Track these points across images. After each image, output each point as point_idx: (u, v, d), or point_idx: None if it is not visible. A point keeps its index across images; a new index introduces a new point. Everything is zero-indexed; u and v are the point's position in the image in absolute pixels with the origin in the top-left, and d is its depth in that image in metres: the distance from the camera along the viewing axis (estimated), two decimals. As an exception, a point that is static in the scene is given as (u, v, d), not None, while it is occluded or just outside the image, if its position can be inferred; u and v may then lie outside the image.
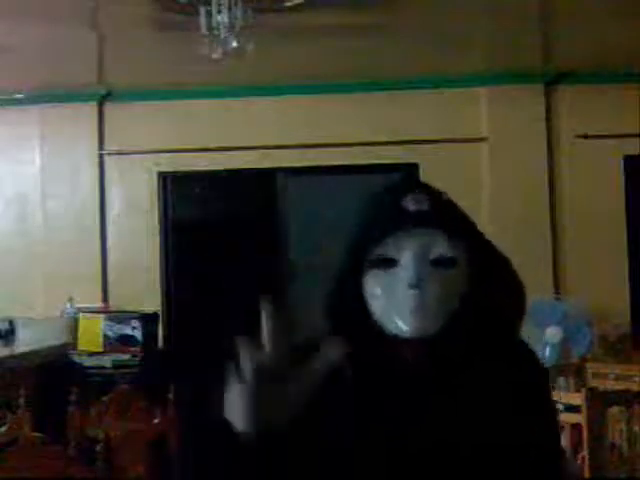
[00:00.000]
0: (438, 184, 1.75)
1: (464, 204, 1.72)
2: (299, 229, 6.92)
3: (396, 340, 1.40)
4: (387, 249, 1.39)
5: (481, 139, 6.88)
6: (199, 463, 1.30)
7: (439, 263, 1.39)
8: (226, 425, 1.19)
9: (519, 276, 1.47)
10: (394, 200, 1.41)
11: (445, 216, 1.42)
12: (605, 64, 6.50)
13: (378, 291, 1.40)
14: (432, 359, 1.40)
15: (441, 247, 1.39)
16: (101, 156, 7.03)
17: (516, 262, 1.48)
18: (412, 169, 6.79)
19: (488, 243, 1.47)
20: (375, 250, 1.40)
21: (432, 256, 1.39)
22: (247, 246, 6.95)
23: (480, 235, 1.46)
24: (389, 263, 1.39)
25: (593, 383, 4.81)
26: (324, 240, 6.87)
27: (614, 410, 4.01)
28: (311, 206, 6.89)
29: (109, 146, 7.03)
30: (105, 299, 6.93)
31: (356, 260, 1.41)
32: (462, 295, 1.41)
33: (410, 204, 1.40)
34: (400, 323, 1.38)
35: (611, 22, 5.44)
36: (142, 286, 6.88)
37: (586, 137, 6.79)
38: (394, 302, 1.38)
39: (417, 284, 1.36)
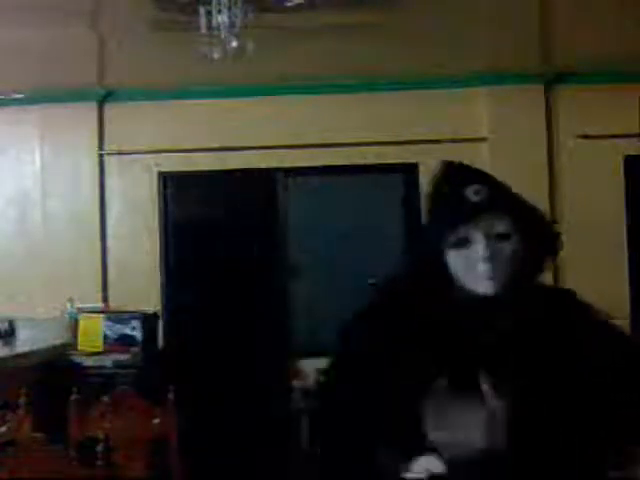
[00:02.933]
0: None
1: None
2: (299, 229, 6.92)
3: (477, 297, 1.80)
4: (460, 232, 1.79)
5: (481, 139, 6.88)
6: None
7: (500, 238, 1.79)
8: None
9: (559, 235, 1.89)
10: (457, 192, 1.82)
11: (500, 202, 1.81)
12: (605, 64, 6.50)
13: (460, 264, 1.80)
14: (504, 308, 1.80)
15: (500, 226, 1.79)
16: (101, 156, 7.03)
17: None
18: (412, 169, 6.79)
19: (535, 216, 1.86)
20: (451, 235, 1.79)
21: (495, 233, 1.79)
22: (247, 246, 6.95)
23: (528, 212, 1.85)
24: (464, 242, 1.79)
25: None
26: (324, 240, 6.88)
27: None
28: (311, 206, 6.89)
29: (109, 146, 7.03)
30: (105, 299, 6.93)
31: (435, 244, 1.81)
32: (521, 260, 1.82)
33: (472, 196, 1.80)
34: (479, 285, 1.79)
35: (611, 22, 5.45)
36: (142, 286, 6.88)
37: (586, 137, 6.79)
38: (474, 271, 1.79)
39: (488, 257, 1.77)
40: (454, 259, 1.80)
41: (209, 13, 4.56)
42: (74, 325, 6.60)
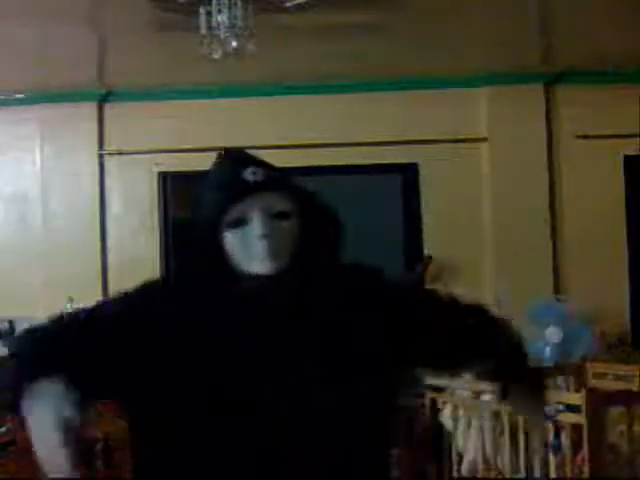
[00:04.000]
0: (438, 184, 1.81)
1: (464, 204, 1.74)
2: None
3: (254, 278, 1.76)
4: (235, 212, 1.76)
5: (481, 139, 6.88)
6: None
7: (279, 216, 1.77)
8: None
9: (339, 219, 1.90)
10: (235, 174, 1.81)
11: (277, 182, 1.83)
12: (605, 64, 6.50)
13: (237, 244, 1.76)
14: (284, 289, 1.77)
15: (278, 205, 1.78)
16: (101, 156, 7.03)
17: (516, 261, 1.51)
18: (412, 169, 6.79)
19: (313, 199, 1.88)
20: (228, 215, 1.76)
21: (272, 211, 1.76)
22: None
23: (306, 194, 1.87)
24: (241, 222, 1.76)
25: (593, 383, 4.81)
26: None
27: (614, 410, 4.00)
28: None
29: (109, 146, 7.03)
30: (105, 299, 6.93)
31: (214, 224, 1.77)
32: (299, 238, 1.78)
33: (247, 176, 1.79)
34: (257, 265, 1.74)
35: (611, 22, 5.45)
36: (142, 286, 6.87)
37: (586, 137, 6.79)
38: (250, 250, 1.75)
39: (265, 234, 1.73)
40: (231, 241, 1.76)
41: (209, 13, 4.56)
42: (74, 325, 6.59)
